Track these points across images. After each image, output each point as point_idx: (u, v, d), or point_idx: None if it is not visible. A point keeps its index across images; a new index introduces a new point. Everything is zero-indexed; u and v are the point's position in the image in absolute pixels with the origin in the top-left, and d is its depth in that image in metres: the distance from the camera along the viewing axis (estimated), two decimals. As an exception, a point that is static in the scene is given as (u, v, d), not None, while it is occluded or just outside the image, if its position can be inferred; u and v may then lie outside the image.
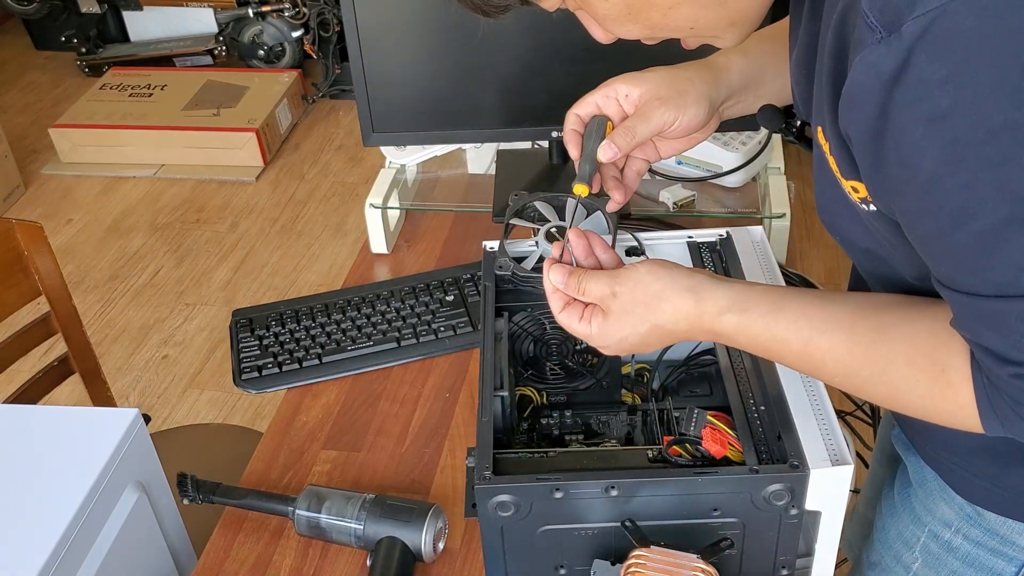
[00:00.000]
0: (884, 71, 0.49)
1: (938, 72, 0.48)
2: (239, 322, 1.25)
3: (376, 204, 1.36)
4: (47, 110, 3.63)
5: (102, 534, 0.86)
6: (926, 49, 0.48)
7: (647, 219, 1.35)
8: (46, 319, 1.36)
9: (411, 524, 0.91)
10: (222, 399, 2.32)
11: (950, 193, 0.53)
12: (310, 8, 3.44)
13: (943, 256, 0.58)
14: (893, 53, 0.48)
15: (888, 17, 0.48)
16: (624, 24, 0.66)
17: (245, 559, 0.96)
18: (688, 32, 0.67)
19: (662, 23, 0.65)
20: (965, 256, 0.56)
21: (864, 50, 0.50)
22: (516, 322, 1.00)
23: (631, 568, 0.76)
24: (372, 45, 1.24)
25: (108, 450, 0.87)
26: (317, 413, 1.13)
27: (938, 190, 0.53)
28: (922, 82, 0.49)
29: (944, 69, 0.48)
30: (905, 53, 0.48)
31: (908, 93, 0.49)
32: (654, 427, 0.91)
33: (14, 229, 1.28)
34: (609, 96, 0.84)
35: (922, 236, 0.59)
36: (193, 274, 2.77)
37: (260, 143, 3.19)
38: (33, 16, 3.86)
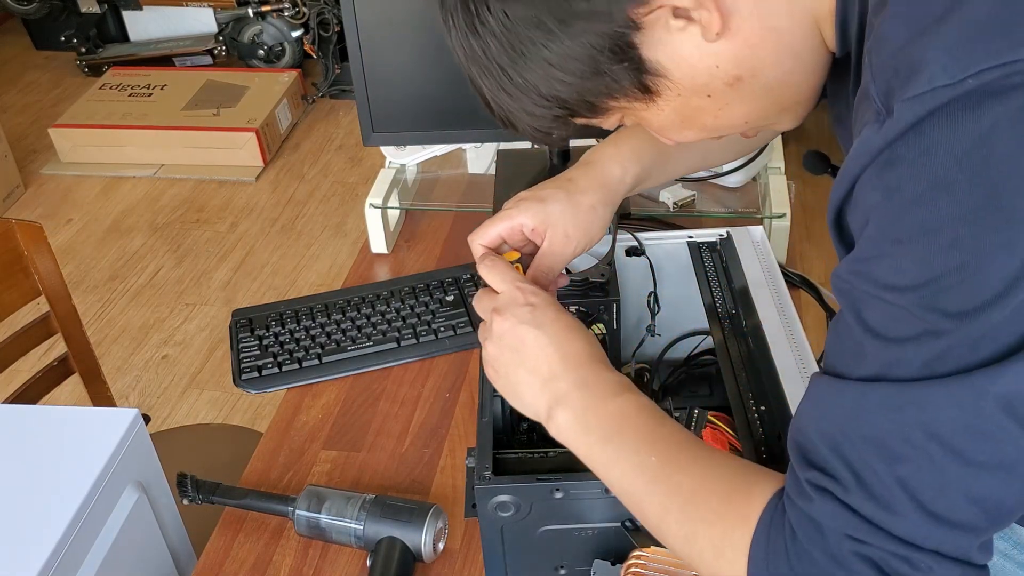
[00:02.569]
0: (875, 146, 0.51)
1: (912, 167, 0.49)
2: (239, 322, 1.25)
3: (376, 204, 1.36)
4: (47, 110, 3.63)
5: (102, 534, 0.86)
6: (907, 138, 0.49)
7: (647, 219, 1.35)
8: (46, 319, 1.36)
9: (411, 524, 0.91)
10: (222, 399, 2.32)
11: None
12: (310, 8, 3.44)
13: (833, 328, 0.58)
14: (884, 134, 0.50)
15: (888, 99, 0.50)
16: (681, 131, 0.68)
17: (245, 559, 0.96)
18: (744, 126, 0.68)
19: (715, 124, 0.67)
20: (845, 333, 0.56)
21: (864, 128, 0.52)
22: (516, 322, 1.00)
23: (631, 568, 0.76)
24: (372, 45, 1.24)
25: (108, 450, 0.87)
26: (317, 413, 1.13)
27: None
28: (895, 159, 0.50)
29: (923, 183, 0.49)
30: (895, 134, 0.49)
31: (889, 176, 0.50)
32: (654, 427, 0.91)
33: (14, 229, 1.28)
34: (514, 228, 0.84)
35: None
36: (193, 274, 2.77)
37: (260, 143, 3.19)
38: (33, 16, 3.86)
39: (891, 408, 0.52)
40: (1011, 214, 0.47)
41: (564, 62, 0.60)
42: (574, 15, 0.58)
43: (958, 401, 0.50)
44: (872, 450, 0.53)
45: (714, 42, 0.59)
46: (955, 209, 0.48)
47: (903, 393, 0.52)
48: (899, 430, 0.52)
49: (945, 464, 0.51)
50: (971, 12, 0.47)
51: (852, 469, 0.54)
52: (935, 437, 0.51)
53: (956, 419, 0.50)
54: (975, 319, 0.49)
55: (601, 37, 0.59)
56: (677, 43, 0.60)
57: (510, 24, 0.60)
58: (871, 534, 0.53)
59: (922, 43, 0.49)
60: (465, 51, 0.64)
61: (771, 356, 0.87)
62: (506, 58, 0.62)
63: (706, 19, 0.58)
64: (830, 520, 0.54)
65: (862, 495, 0.53)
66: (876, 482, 0.53)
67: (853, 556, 0.54)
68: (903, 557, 0.53)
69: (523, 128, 0.68)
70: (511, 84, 0.63)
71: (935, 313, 0.50)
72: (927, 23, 0.49)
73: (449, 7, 0.63)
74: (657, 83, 0.62)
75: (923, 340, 0.51)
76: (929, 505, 0.52)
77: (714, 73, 0.61)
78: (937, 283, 0.49)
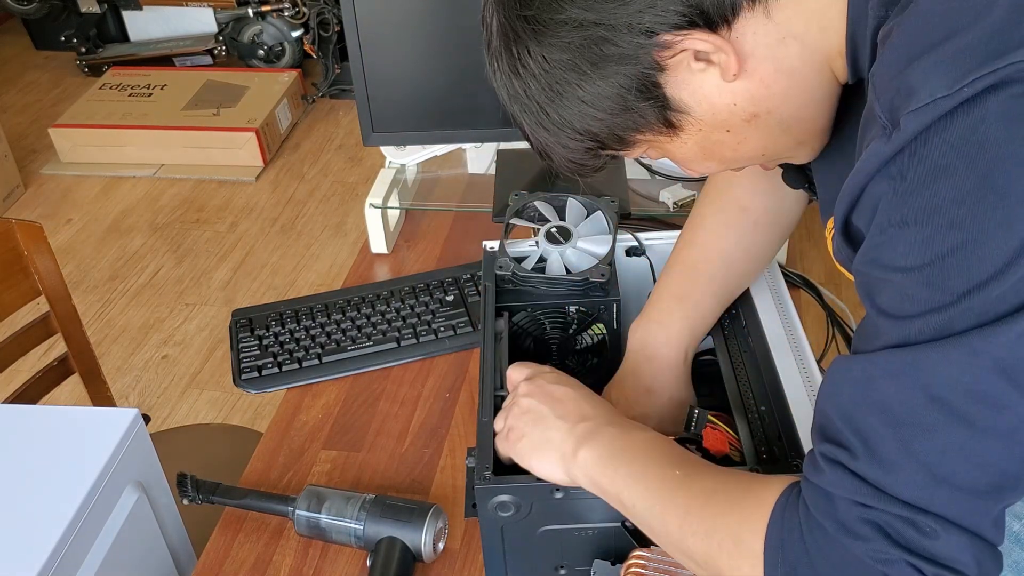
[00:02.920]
0: (884, 155, 0.54)
1: (913, 156, 0.53)
2: (239, 322, 1.25)
3: (376, 204, 1.36)
4: (47, 110, 3.63)
5: (102, 534, 0.86)
6: (912, 146, 0.53)
7: (647, 219, 1.35)
8: (46, 319, 1.36)
9: (411, 524, 0.91)
10: (222, 399, 2.32)
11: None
12: (310, 8, 3.44)
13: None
14: (892, 144, 0.53)
15: (894, 115, 0.54)
16: (702, 163, 0.73)
17: (245, 559, 0.96)
18: (761, 159, 0.74)
19: (734, 157, 0.71)
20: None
21: (872, 143, 0.56)
22: (516, 322, 1.00)
23: (631, 568, 0.76)
24: (372, 45, 1.24)
25: (108, 450, 0.87)
26: (317, 413, 1.13)
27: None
28: (906, 173, 0.54)
29: (924, 170, 0.53)
30: (902, 143, 0.53)
31: (894, 167, 0.54)
32: (654, 427, 0.91)
33: (14, 229, 1.28)
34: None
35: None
36: (193, 274, 2.76)
37: (260, 143, 3.19)
38: (33, 16, 3.86)
39: (894, 373, 0.55)
40: (1005, 194, 0.50)
41: (596, 100, 0.66)
42: (605, 59, 0.63)
43: (956, 361, 0.53)
44: (878, 415, 0.55)
45: (732, 82, 0.64)
46: (954, 192, 0.52)
47: (904, 356, 0.54)
48: (902, 394, 0.54)
49: (947, 427, 0.53)
50: (963, 38, 0.52)
51: (860, 436, 0.56)
52: (936, 400, 0.53)
53: (956, 381, 0.53)
54: (976, 295, 0.52)
55: (629, 78, 0.64)
56: (698, 83, 0.65)
57: (548, 67, 0.65)
58: (876, 498, 0.55)
59: (920, 65, 0.53)
60: (508, 91, 0.69)
61: (771, 356, 0.87)
62: (544, 97, 0.67)
63: (724, 62, 0.63)
64: (838, 488, 0.57)
65: (868, 460, 0.56)
66: (881, 447, 0.55)
67: (859, 521, 0.56)
68: (908, 520, 0.55)
69: (558, 160, 0.73)
70: (549, 121, 0.68)
71: (939, 290, 0.53)
72: (924, 49, 0.53)
73: (494, 52, 0.68)
74: (680, 119, 0.67)
75: (929, 315, 0.54)
76: (933, 468, 0.54)
77: (732, 110, 0.66)
78: (940, 262, 0.53)
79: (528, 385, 0.81)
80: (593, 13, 0.62)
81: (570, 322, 1.02)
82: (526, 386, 0.81)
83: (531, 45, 0.65)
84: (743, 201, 0.93)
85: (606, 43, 0.62)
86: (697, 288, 0.94)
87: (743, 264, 0.95)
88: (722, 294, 0.95)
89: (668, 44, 0.62)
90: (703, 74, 0.64)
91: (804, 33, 0.63)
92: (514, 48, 0.66)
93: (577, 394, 0.79)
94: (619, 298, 1.00)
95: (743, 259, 0.95)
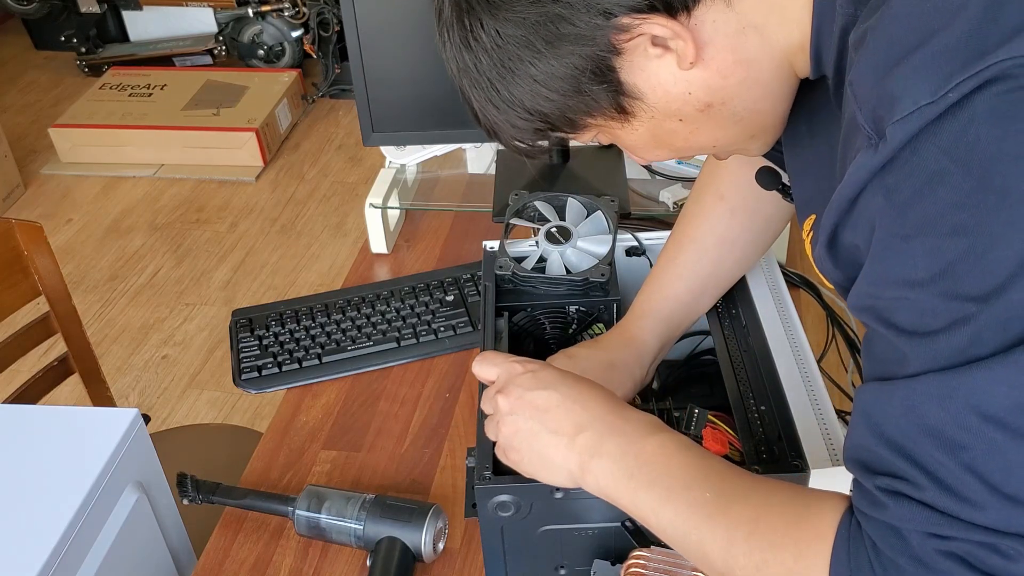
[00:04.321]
0: (872, 167, 0.53)
1: (906, 165, 0.52)
2: (239, 322, 1.25)
3: (376, 204, 1.36)
4: (47, 110, 3.63)
5: (102, 534, 0.86)
6: (902, 155, 0.51)
7: (647, 219, 1.35)
8: (46, 319, 1.36)
9: (411, 524, 0.91)
10: (222, 399, 2.32)
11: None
12: (310, 8, 3.44)
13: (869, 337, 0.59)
14: (880, 155, 0.52)
15: (878, 125, 0.52)
16: (652, 151, 0.71)
17: (245, 559, 0.96)
18: (712, 149, 0.73)
19: (685, 146, 0.70)
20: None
21: (858, 154, 0.54)
22: (516, 322, 1.00)
23: (631, 568, 0.76)
24: (372, 45, 1.24)
25: (108, 450, 0.87)
26: (317, 413, 1.13)
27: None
28: (900, 183, 0.52)
29: (918, 179, 0.51)
30: (890, 153, 0.51)
31: (887, 178, 0.53)
32: (654, 427, 0.91)
33: (14, 229, 1.28)
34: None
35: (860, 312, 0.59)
36: (193, 274, 2.76)
37: (260, 143, 3.19)
38: (33, 16, 3.86)
39: (941, 397, 0.52)
40: (1006, 194, 0.49)
41: (548, 80, 0.64)
42: (560, 37, 0.61)
43: (1004, 379, 0.50)
44: (933, 442, 0.53)
45: (688, 71, 0.63)
46: (952, 196, 0.50)
47: (949, 380, 0.52)
48: (954, 418, 0.52)
49: (1007, 444, 0.51)
50: (942, 40, 0.50)
51: (919, 465, 0.53)
52: (990, 419, 0.51)
53: (1006, 397, 0.50)
54: (997, 299, 0.50)
55: (584, 59, 0.62)
56: (654, 69, 0.63)
57: (501, 42, 0.63)
58: (953, 527, 0.52)
59: (900, 72, 0.51)
60: (458, 64, 0.67)
61: (771, 356, 0.87)
62: (495, 73, 0.65)
63: (681, 49, 0.61)
64: (908, 522, 0.54)
65: (935, 489, 0.53)
66: (946, 474, 0.52)
67: (938, 554, 0.53)
68: (990, 546, 0.52)
69: (505, 139, 0.71)
70: (499, 98, 0.66)
71: (957, 300, 0.51)
72: (903, 54, 0.52)
73: (445, 22, 0.66)
74: (633, 105, 0.65)
75: (954, 329, 0.51)
76: (1002, 488, 0.51)
77: (687, 99, 0.65)
78: (952, 270, 0.51)
79: (507, 399, 0.74)
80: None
81: (570, 322, 1.02)
82: (505, 400, 0.74)
83: (484, 18, 0.62)
84: (722, 190, 0.93)
85: (563, 21, 0.60)
86: (672, 276, 0.94)
87: (715, 251, 0.94)
88: (692, 280, 0.94)
89: (626, 27, 0.60)
90: (659, 60, 0.62)
91: (764, 25, 0.62)
92: (467, 19, 0.64)
93: (562, 395, 0.73)
94: (619, 298, 1.00)
95: (716, 246, 0.94)
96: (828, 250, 0.61)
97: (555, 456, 0.71)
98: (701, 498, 0.64)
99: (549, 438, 0.72)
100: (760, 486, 0.64)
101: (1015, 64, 0.48)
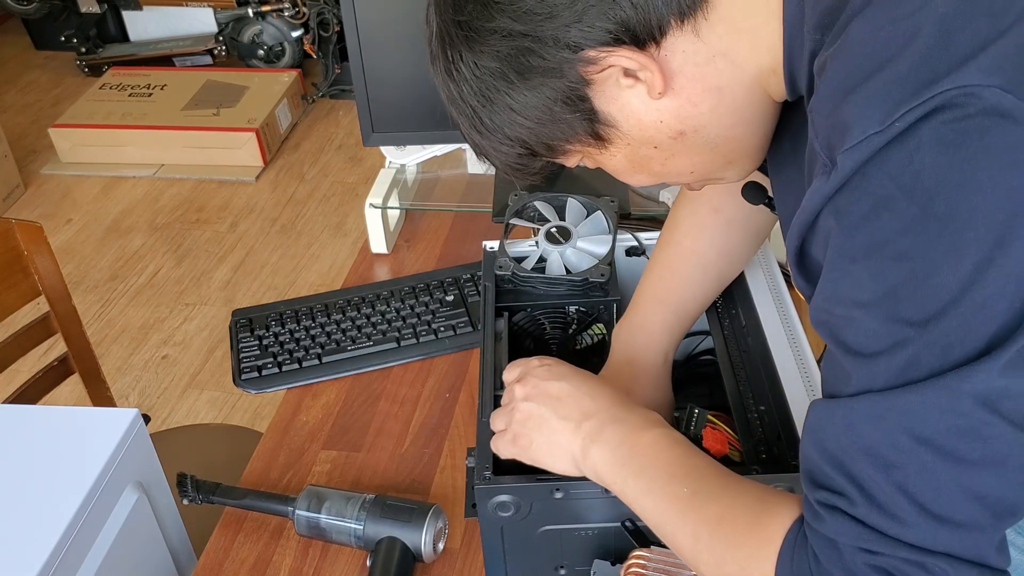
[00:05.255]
0: (825, 193, 0.55)
1: (855, 191, 0.53)
2: (239, 322, 1.25)
3: (376, 204, 1.36)
4: (47, 110, 3.63)
5: (102, 534, 0.86)
6: (852, 182, 0.53)
7: (647, 219, 1.35)
8: (46, 319, 1.36)
9: (411, 524, 0.91)
10: (222, 399, 2.32)
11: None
12: (310, 8, 3.44)
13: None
14: (831, 182, 0.54)
15: (831, 153, 0.54)
16: (633, 175, 0.73)
17: (245, 559, 0.96)
18: (690, 176, 0.73)
19: (663, 171, 0.71)
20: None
21: (815, 180, 0.56)
22: (516, 322, 1.00)
23: (631, 568, 0.76)
24: (372, 45, 1.24)
25: (108, 450, 0.87)
26: (317, 413, 1.13)
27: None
28: (849, 207, 0.54)
29: (866, 204, 0.53)
30: (841, 180, 0.53)
31: (838, 201, 0.55)
32: (654, 427, 0.91)
33: (14, 229, 1.28)
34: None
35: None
36: (193, 274, 2.76)
37: (260, 143, 3.19)
38: (33, 16, 3.86)
39: (876, 418, 0.54)
40: (948, 221, 0.50)
41: (524, 109, 0.66)
42: (531, 69, 0.63)
43: (935, 403, 0.52)
44: (868, 461, 0.55)
45: (658, 100, 0.64)
46: (896, 222, 0.51)
47: (883, 402, 0.54)
48: (888, 438, 0.54)
49: (937, 466, 0.53)
50: (892, 70, 0.51)
51: (855, 482, 0.55)
52: (923, 441, 0.52)
53: (938, 421, 0.52)
54: (936, 324, 0.51)
55: (555, 90, 0.64)
56: (626, 99, 0.65)
57: (479, 73, 0.65)
58: (882, 543, 0.54)
59: (853, 100, 0.53)
60: (445, 93, 0.70)
61: (771, 356, 0.87)
62: (477, 102, 0.67)
63: (650, 79, 0.63)
64: (843, 536, 0.56)
65: (868, 506, 0.55)
66: (878, 491, 0.54)
67: (868, 568, 0.55)
68: (916, 563, 0.54)
69: (494, 163, 0.74)
70: (482, 125, 0.69)
71: (898, 323, 0.52)
72: (856, 83, 0.53)
73: (434, 53, 0.69)
74: (608, 132, 0.67)
75: (893, 351, 0.53)
76: (931, 507, 0.53)
77: (659, 127, 0.66)
78: (894, 294, 0.52)
79: (523, 388, 0.79)
80: (521, 24, 0.62)
81: (570, 322, 1.02)
82: (521, 389, 0.79)
83: (463, 51, 0.65)
84: (715, 202, 0.93)
85: (532, 54, 0.63)
86: (675, 291, 0.94)
87: (719, 264, 0.95)
88: (699, 294, 0.95)
89: (593, 59, 0.62)
90: (631, 90, 0.64)
91: (734, 52, 0.63)
92: (449, 52, 0.66)
93: (574, 387, 0.78)
94: (619, 298, 1.00)
95: (718, 259, 0.95)
96: (798, 267, 0.63)
97: (562, 440, 0.76)
98: (679, 492, 0.68)
99: (558, 423, 0.76)
100: (732, 486, 0.67)
101: (961, 93, 0.49)
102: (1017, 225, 0.49)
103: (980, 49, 0.50)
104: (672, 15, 0.61)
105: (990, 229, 0.49)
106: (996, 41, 0.50)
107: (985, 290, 0.50)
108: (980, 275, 0.50)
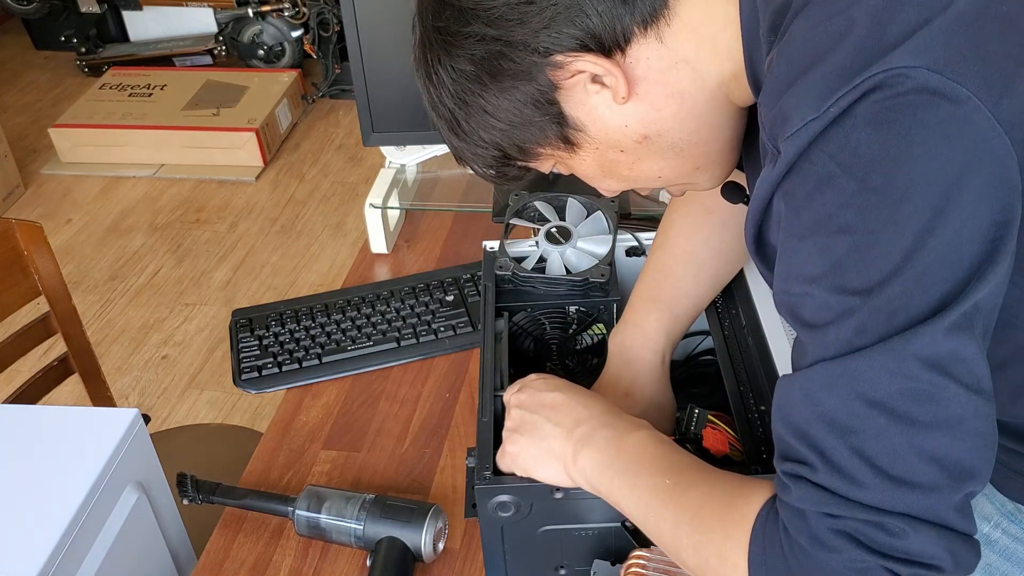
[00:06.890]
0: (772, 180, 0.58)
1: (799, 173, 0.56)
2: (239, 322, 1.25)
3: (376, 204, 1.36)
4: (47, 110, 3.63)
5: (102, 534, 0.86)
6: (799, 165, 0.56)
7: (647, 219, 1.35)
8: (46, 319, 1.36)
9: (411, 524, 0.91)
10: (222, 399, 2.32)
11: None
12: (310, 8, 3.44)
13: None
14: (777, 169, 0.57)
15: (775, 142, 0.57)
16: (603, 180, 0.75)
17: (245, 559, 0.96)
18: (659, 182, 0.75)
19: (631, 176, 0.73)
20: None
21: (764, 169, 0.59)
22: (516, 322, 1.00)
23: (631, 568, 0.76)
24: (372, 45, 1.24)
25: (108, 450, 0.87)
26: (317, 413, 1.13)
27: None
28: (795, 188, 0.57)
29: (810, 183, 0.56)
30: (786, 166, 0.56)
31: (786, 185, 0.58)
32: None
33: (14, 229, 1.28)
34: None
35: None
36: (193, 274, 2.77)
37: (260, 143, 3.19)
38: (33, 16, 3.86)
39: (830, 385, 0.56)
40: (886, 194, 0.52)
41: (497, 112, 0.69)
42: (503, 73, 0.66)
43: (883, 366, 0.54)
44: (827, 428, 0.57)
45: (623, 104, 0.67)
46: (837, 198, 0.54)
47: (836, 368, 0.56)
48: (843, 404, 0.56)
49: (891, 428, 0.55)
50: (828, 61, 0.54)
51: (816, 449, 0.57)
52: (875, 404, 0.55)
53: (889, 384, 0.54)
54: (880, 292, 0.54)
55: (526, 93, 0.67)
56: (593, 104, 0.67)
57: (455, 77, 0.68)
58: (842, 507, 0.56)
59: (793, 92, 0.56)
60: (426, 98, 0.73)
61: (771, 356, 0.87)
62: (454, 105, 0.70)
63: (614, 84, 0.65)
64: (807, 503, 0.58)
65: (828, 472, 0.57)
66: (838, 457, 0.56)
67: (831, 533, 0.56)
68: (876, 524, 0.55)
69: (472, 167, 0.77)
70: (459, 128, 0.72)
71: (844, 293, 0.55)
72: (795, 76, 0.56)
73: (416, 58, 0.72)
74: (577, 136, 0.70)
75: (842, 320, 0.55)
76: (888, 470, 0.55)
77: (624, 132, 0.69)
78: (839, 266, 0.55)
79: (519, 396, 0.81)
80: (494, 29, 0.64)
81: (570, 322, 1.02)
82: (516, 397, 0.81)
83: (442, 55, 0.68)
84: (708, 203, 0.93)
85: (504, 58, 0.65)
86: (670, 291, 0.95)
87: (713, 264, 0.96)
88: (696, 294, 0.95)
89: (561, 64, 0.65)
90: (598, 96, 0.66)
91: (696, 59, 0.65)
92: (428, 57, 0.69)
93: (568, 396, 0.79)
94: (619, 298, 1.00)
95: (713, 259, 0.95)
96: (758, 255, 0.66)
97: (554, 445, 0.77)
98: (661, 484, 0.70)
99: (551, 428, 0.77)
100: (711, 476, 0.69)
101: (891, 75, 0.52)
102: (954, 195, 0.52)
103: (908, 35, 0.53)
104: (636, 24, 0.64)
105: (928, 199, 0.52)
106: (924, 27, 0.52)
107: (926, 257, 0.52)
108: (920, 244, 0.52)
